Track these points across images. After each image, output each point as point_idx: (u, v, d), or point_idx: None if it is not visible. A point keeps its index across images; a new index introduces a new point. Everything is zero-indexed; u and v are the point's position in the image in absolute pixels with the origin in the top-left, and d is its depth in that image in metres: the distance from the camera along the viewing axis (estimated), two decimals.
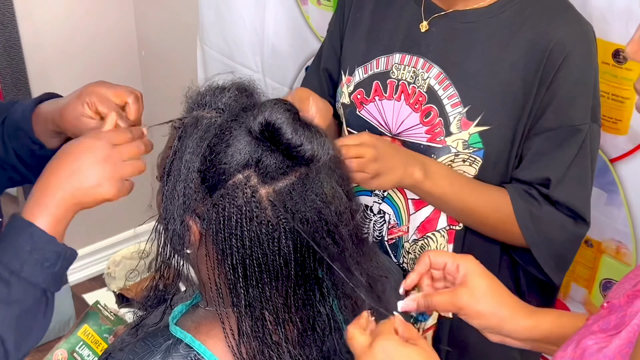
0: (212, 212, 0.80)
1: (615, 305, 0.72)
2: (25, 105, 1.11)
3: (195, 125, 0.83)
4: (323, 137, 0.81)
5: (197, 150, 0.81)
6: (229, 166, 0.79)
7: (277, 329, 0.82)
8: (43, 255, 0.86)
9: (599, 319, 0.73)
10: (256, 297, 0.81)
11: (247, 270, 0.80)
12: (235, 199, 0.78)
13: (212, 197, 0.80)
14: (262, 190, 0.79)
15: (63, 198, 0.87)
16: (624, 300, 0.71)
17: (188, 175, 0.81)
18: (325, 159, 0.81)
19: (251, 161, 0.79)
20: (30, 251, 0.85)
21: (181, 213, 0.81)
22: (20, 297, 0.84)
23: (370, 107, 1.25)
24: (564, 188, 1.14)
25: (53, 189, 0.87)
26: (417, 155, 1.16)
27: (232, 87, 0.87)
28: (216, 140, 0.80)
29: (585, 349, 0.68)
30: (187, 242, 0.83)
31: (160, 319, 0.90)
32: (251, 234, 0.78)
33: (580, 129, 1.12)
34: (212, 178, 0.80)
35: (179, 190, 0.81)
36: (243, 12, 1.92)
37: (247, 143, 0.79)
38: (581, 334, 0.72)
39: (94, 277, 2.76)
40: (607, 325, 0.70)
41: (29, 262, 0.85)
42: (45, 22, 2.32)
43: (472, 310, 0.89)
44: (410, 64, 1.20)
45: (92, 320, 1.91)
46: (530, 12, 1.13)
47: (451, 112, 1.15)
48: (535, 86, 1.11)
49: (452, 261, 0.92)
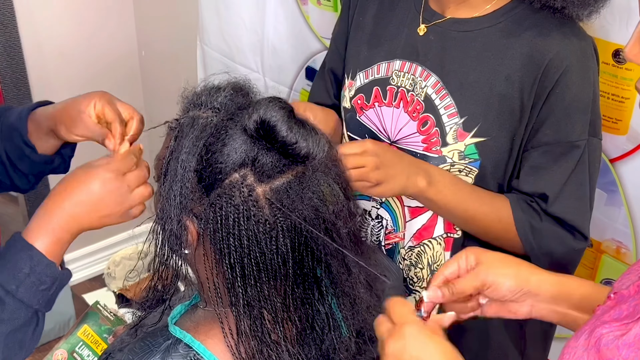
0: (209, 212, 0.80)
1: (624, 295, 0.72)
2: (23, 108, 1.11)
3: (192, 125, 0.82)
4: (318, 134, 0.81)
5: (193, 149, 0.81)
6: (225, 165, 0.79)
7: (276, 327, 0.82)
8: (40, 279, 0.87)
9: (609, 309, 0.72)
10: (254, 296, 0.80)
11: (245, 269, 0.80)
12: (232, 198, 0.78)
13: (209, 196, 0.80)
14: (259, 189, 0.79)
15: (67, 223, 0.89)
16: (634, 290, 0.71)
17: (184, 175, 0.80)
18: (321, 156, 0.81)
19: (247, 160, 0.79)
20: (28, 273, 0.86)
21: (178, 213, 0.81)
22: (12, 316, 0.86)
23: (369, 112, 1.24)
24: (561, 203, 1.14)
25: (59, 214, 0.88)
26: (420, 163, 1.15)
27: (228, 87, 0.87)
28: (212, 140, 0.80)
29: (600, 337, 0.68)
30: (184, 242, 0.83)
31: (159, 319, 0.90)
32: (249, 233, 0.78)
33: (577, 145, 1.11)
34: (209, 177, 0.80)
35: (175, 190, 0.81)
36: (243, 12, 1.92)
37: (243, 142, 0.79)
38: (592, 324, 0.72)
39: (94, 277, 2.76)
40: (620, 315, 0.69)
41: (26, 284, 0.86)
42: (45, 22, 2.32)
43: (497, 276, 0.88)
44: (409, 71, 1.19)
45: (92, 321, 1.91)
46: (528, 24, 1.11)
47: (447, 123, 1.15)
48: (532, 99, 1.10)
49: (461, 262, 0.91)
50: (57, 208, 0.89)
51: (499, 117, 1.12)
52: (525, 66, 1.10)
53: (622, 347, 0.65)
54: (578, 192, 1.14)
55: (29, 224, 0.89)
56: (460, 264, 0.91)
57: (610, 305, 0.74)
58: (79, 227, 0.90)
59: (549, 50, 1.08)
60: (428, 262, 1.25)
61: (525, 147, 1.14)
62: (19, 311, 0.86)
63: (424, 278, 1.27)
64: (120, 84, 2.57)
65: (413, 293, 1.29)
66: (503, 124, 1.13)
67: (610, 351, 0.65)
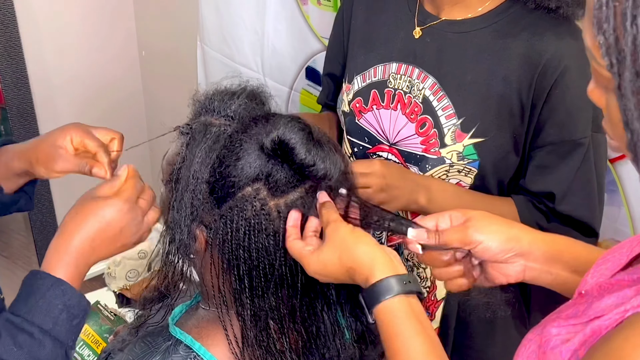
0: (220, 223, 0.79)
1: (588, 292, 0.70)
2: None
3: (204, 132, 0.81)
4: (336, 154, 0.80)
5: (206, 160, 0.80)
6: (239, 179, 0.78)
7: (282, 337, 0.81)
8: (74, 313, 0.85)
9: (571, 305, 0.70)
10: (261, 306, 0.80)
11: (252, 280, 0.79)
12: (244, 212, 0.78)
13: (220, 208, 0.79)
14: (271, 203, 0.78)
15: (87, 256, 0.87)
16: (596, 290, 0.68)
17: (197, 186, 0.80)
18: (337, 176, 0.80)
19: (261, 175, 0.78)
20: (62, 309, 0.84)
21: (188, 223, 0.81)
22: (49, 358, 0.83)
23: (368, 115, 1.25)
24: (569, 201, 1.14)
25: (78, 248, 0.86)
26: (423, 180, 1.16)
27: (242, 95, 0.85)
28: (226, 152, 0.79)
29: (549, 339, 0.66)
30: (192, 250, 0.82)
31: (162, 319, 0.90)
32: (258, 246, 0.78)
33: (581, 142, 1.11)
34: (221, 190, 0.79)
35: (186, 200, 0.80)
36: (243, 12, 1.92)
37: (257, 157, 0.78)
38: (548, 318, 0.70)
39: (94, 277, 2.76)
40: (576, 313, 0.67)
41: (60, 321, 0.84)
42: (45, 22, 2.32)
43: (486, 233, 0.84)
44: (406, 73, 1.20)
45: (93, 320, 1.92)
46: (524, 24, 1.11)
47: (445, 124, 1.15)
48: (531, 99, 1.10)
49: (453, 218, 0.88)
50: (74, 241, 0.86)
51: (498, 117, 1.13)
52: (522, 66, 1.10)
53: (565, 352, 0.63)
54: (586, 188, 1.14)
55: (47, 259, 0.86)
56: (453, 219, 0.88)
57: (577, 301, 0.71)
58: (97, 258, 0.88)
59: (546, 51, 1.08)
60: None
61: (531, 146, 1.15)
62: (55, 351, 0.83)
63: (427, 278, 1.27)
64: (120, 84, 2.57)
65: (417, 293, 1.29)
66: (502, 124, 1.13)
67: (554, 355, 0.64)
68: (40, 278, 0.85)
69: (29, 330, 0.81)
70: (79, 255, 0.86)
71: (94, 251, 0.87)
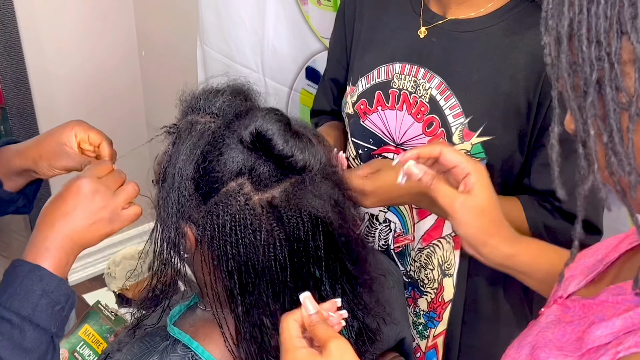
0: (207, 219, 0.79)
1: (569, 309, 0.69)
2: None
3: (189, 131, 0.82)
4: (315, 145, 0.81)
5: (190, 157, 0.80)
6: (222, 174, 0.79)
7: (276, 334, 0.81)
8: (54, 299, 0.84)
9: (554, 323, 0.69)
10: (253, 302, 0.80)
11: (242, 276, 0.79)
12: (229, 207, 0.78)
13: (206, 204, 0.80)
14: (256, 198, 0.78)
15: (62, 241, 0.86)
16: (579, 308, 0.67)
17: (182, 182, 0.80)
18: (318, 168, 0.80)
19: (244, 169, 0.79)
20: (41, 295, 0.83)
21: (175, 220, 0.81)
22: (35, 345, 0.82)
23: (373, 117, 1.25)
24: (575, 199, 1.14)
25: (51, 233, 0.86)
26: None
27: (226, 91, 0.86)
28: (209, 148, 0.80)
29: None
30: (183, 248, 0.83)
31: (158, 320, 0.90)
32: (246, 241, 0.78)
33: None
34: (206, 186, 0.80)
35: (172, 197, 0.81)
36: (243, 12, 1.92)
37: (240, 151, 0.79)
38: (535, 339, 0.69)
39: (94, 277, 2.76)
40: (563, 336, 0.66)
41: (40, 306, 0.83)
42: (45, 22, 2.32)
43: (465, 220, 0.90)
44: (410, 73, 1.20)
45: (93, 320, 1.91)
46: (531, 22, 1.10)
47: (453, 123, 1.15)
48: (537, 98, 1.10)
49: (464, 167, 0.91)
50: (48, 228, 0.86)
51: (505, 115, 1.13)
52: (529, 65, 1.10)
53: None
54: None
55: (27, 249, 0.87)
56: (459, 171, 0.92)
57: (557, 314, 0.70)
58: (72, 243, 0.87)
59: None
60: (438, 262, 1.25)
61: (535, 145, 1.15)
62: (40, 338, 0.83)
63: (434, 279, 1.27)
64: (120, 84, 2.57)
65: (424, 295, 1.29)
66: (509, 123, 1.13)
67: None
68: (18, 266, 0.85)
69: (7, 317, 0.81)
70: (53, 241, 0.86)
71: (66, 236, 0.86)
